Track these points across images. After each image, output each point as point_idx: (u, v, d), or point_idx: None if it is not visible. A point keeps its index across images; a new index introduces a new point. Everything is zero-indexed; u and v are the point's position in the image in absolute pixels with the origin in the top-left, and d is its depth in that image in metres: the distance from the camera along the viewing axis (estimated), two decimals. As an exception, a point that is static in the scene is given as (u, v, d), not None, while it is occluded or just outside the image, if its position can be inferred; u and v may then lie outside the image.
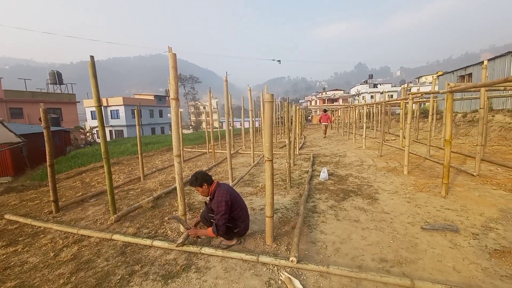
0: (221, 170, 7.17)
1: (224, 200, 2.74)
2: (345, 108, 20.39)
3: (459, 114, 11.79)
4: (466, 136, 10.13)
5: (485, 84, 3.44)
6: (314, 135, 17.27)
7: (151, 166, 8.23)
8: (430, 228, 3.13)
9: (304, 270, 2.45)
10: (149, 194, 5.07)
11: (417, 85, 41.30)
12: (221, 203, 2.73)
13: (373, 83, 57.09)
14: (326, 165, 7.04)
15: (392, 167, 6.34)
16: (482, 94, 5.13)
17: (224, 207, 2.72)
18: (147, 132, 37.08)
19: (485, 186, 4.56)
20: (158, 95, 44.94)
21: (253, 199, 4.55)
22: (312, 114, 49.71)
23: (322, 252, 2.77)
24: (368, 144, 9.93)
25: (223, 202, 2.73)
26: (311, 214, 3.77)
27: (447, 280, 2.25)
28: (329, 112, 18.38)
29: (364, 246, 2.85)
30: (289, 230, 3.27)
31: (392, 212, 3.71)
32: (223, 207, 2.71)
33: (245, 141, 11.99)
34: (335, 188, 4.92)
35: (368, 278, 2.28)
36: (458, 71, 14.20)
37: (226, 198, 2.76)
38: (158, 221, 3.72)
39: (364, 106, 11.22)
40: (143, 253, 2.88)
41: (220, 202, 2.74)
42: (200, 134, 21.99)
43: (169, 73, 3.13)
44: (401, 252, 2.69)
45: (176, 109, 3.23)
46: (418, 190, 4.54)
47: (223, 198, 2.75)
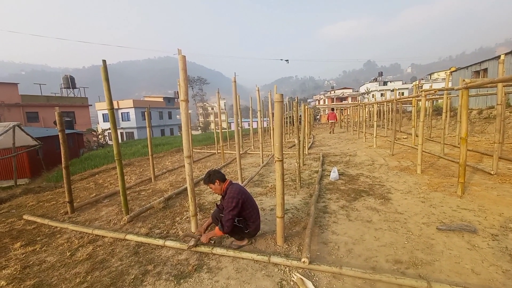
0: (231, 170, 7.20)
1: (236, 197, 2.77)
2: (355, 106, 20.11)
3: (474, 110, 11.40)
4: (482, 134, 9.78)
5: (503, 80, 3.31)
6: (323, 135, 17.10)
7: (162, 167, 8.35)
8: (446, 228, 3.03)
9: (317, 271, 2.42)
10: (160, 195, 5.14)
11: (429, 82, 40.24)
12: (232, 199, 2.76)
13: (383, 81, 56.00)
14: (336, 164, 6.95)
15: (405, 166, 6.19)
16: (500, 90, 4.94)
17: (235, 203, 2.74)
18: (157, 133, 37.67)
19: (504, 185, 4.39)
20: (167, 97, 45.59)
21: (263, 199, 4.54)
22: (320, 113, 49.23)
23: (334, 253, 2.74)
24: (379, 143, 9.75)
25: (234, 198, 2.76)
26: (322, 214, 3.73)
27: (466, 283, 2.17)
28: (336, 111, 19.97)
29: (378, 247, 2.79)
30: (300, 231, 3.25)
31: (406, 212, 3.62)
32: (234, 203, 2.74)
33: (254, 142, 11.99)
34: (346, 188, 4.85)
35: (383, 280, 2.23)
36: (473, 67, 13.74)
37: (238, 196, 2.79)
38: (169, 222, 3.76)
39: (374, 104, 11.01)
40: (156, 253, 2.92)
41: (231, 198, 2.77)
42: (208, 135, 22.15)
43: (179, 75, 3.18)
44: (417, 254, 2.62)
45: (186, 111, 3.26)
46: (433, 189, 4.42)
47: (235, 195, 2.79)
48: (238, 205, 2.76)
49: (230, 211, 2.73)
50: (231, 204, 2.75)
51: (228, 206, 2.76)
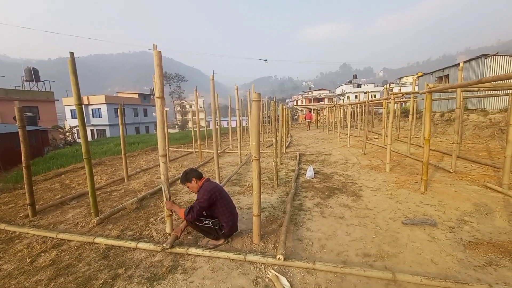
0: (208, 169, 7.11)
1: (210, 191, 2.77)
2: (331, 107, 20.82)
3: (437, 113, 12.34)
4: (444, 135, 10.62)
5: (461, 85, 3.63)
6: (301, 134, 17.48)
7: (135, 166, 8.02)
8: (410, 222, 3.26)
9: (291, 267, 2.48)
10: (133, 195, 4.94)
11: (398, 86, 42.79)
12: (206, 191, 2.78)
13: (357, 83, 58.51)
14: (312, 163, 7.15)
15: (375, 164, 6.55)
16: (458, 95, 5.40)
17: (207, 196, 2.75)
18: (131, 131, 36.05)
19: (461, 182, 4.81)
20: (142, 93, 43.82)
21: (241, 198, 4.55)
22: (298, 113, 50.24)
23: (308, 249, 2.82)
24: (352, 142, 10.18)
25: (208, 192, 2.77)
26: (298, 212, 3.83)
27: (426, 272, 2.36)
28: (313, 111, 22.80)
29: (349, 242, 2.93)
30: (276, 228, 3.30)
31: (375, 208, 3.83)
32: (206, 196, 2.75)
33: (232, 140, 11.95)
34: (321, 186, 5.02)
35: (353, 273, 2.35)
36: (436, 72, 14.85)
37: (212, 191, 2.80)
38: (143, 223, 3.63)
39: (349, 106, 11.49)
40: (127, 256, 2.80)
41: (205, 191, 2.79)
42: (186, 133, 21.64)
43: (154, 71, 3.08)
44: (383, 247, 2.79)
45: (162, 108, 3.17)
46: (399, 186, 4.72)
47: (209, 188, 2.80)
48: (210, 199, 2.76)
49: (200, 203, 2.74)
50: (202, 196, 2.77)
51: (199, 197, 2.79)
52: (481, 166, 5.82)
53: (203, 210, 2.82)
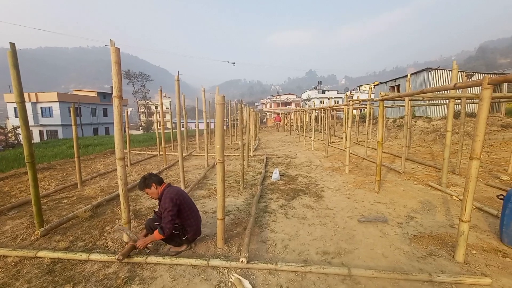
0: (173, 173, 6.85)
1: (170, 197, 2.65)
2: (297, 112, 21.58)
3: (390, 119, 13.57)
4: (396, 139, 11.70)
5: (407, 94, 4.05)
6: (269, 137, 17.80)
7: (91, 170, 7.39)
8: (365, 220, 3.51)
9: (254, 270, 2.50)
10: (87, 202, 4.54)
11: (358, 93, 46.08)
12: (169, 199, 2.64)
13: (321, 89, 61.62)
14: (278, 166, 7.32)
15: (336, 166, 6.94)
16: (406, 103, 6.00)
17: (172, 203, 2.62)
18: (89, 132, 33.19)
19: (409, 181, 5.34)
20: (102, 92, 40.65)
21: (206, 202, 4.47)
22: (267, 117, 51.11)
23: (271, 250, 2.87)
24: (316, 145, 10.67)
25: (171, 199, 2.65)
26: (263, 214, 3.88)
27: (377, 266, 2.55)
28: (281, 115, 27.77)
29: (310, 241, 3.05)
30: (241, 231, 3.30)
31: (334, 208, 4.05)
32: (171, 203, 2.62)
33: (200, 143, 11.69)
34: (286, 188, 5.15)
35: (312, 271, 2.45)
36: (390, 82, 16.36)
37: (175, 196, 2.68)
38: (97, 232, 3.35)
39: (313, 111, 12.04)
40: (77, 269, 2.56)
41: (168, 199, 2.65)
42: (151, 135, 20.58)
43: (112, 69, 2.89)
44: (341, 244, 2.96)
45: (119, 108, 2.98)
46: (357, 187, 5.07)
47: (172, 195, 2.67)
48: (176, 205, 2.65)
49: (169, 212, 2.60)
50: (168, 204, 2.62)
51: (166, 208, 2.62)
52: (425, 167, 6.52)
53: (175, 219, 2.67)
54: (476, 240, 2.99)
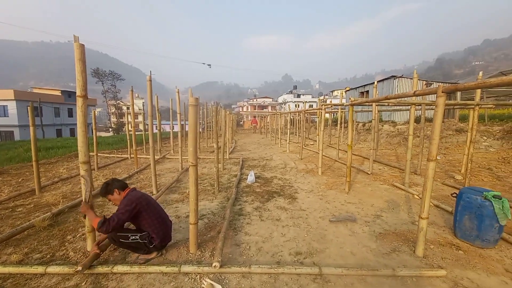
0: (145, 177, 6.56)
1: (129, 199, 2.52)
2: (273, 115, 21.89)
3: (360, 123, 14.31)
4: (365, 142, 12.35)
5: (373, 100, 4.32)
6: (245, 140, 17.82)
7: (52, 175, 6.82)
8: (335, 220, 3.65)
9: (227, 274, 2.47)
10: (46, 209, 4.18)
11: (331, 98, 48.01)
12: (128, 201, 2.52)
13: (297, 93, 63.29)
14: (254, 168, 7.35)
15: (310, 168, 7.15)
16: (374, 108, 6.38)
17: (129, 207, 2.49)
18: (51, 134, 30.64)
19: (376, 182, 5.66)
20: (66, 90, 37.88)
21: (179, 206, 4.34)
22: (244, 119, 51.15)
23: (245, 253, 2.86)
24: (291, 148, 10.90)
25: (127, 201, 2.52)
26: (238, 217, 3.86)
27: (346, 264, 2.66)
28: (257, 118, 29.65)
29: (283, 242, 3.09)
30: (215, 235, 3.25)
31: (308, 209, 4.16)
32: (128, 207, 2.49)
33: (174, 145, 11.35)
34: (261, 190, 5.19)
35: (285, 272, 2.48)
36: (359, 88, 17.29)
37: (136, 201, 2.56)
38: (56, 242, 3.09)
39: (289, 114, 12.31)
40: (32, 285, 2.33)
41: (127, 201, 2.53)
42: (121, 137, 19.52)
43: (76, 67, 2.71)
44: (313, 244, 3.04)
45: (84, 108, 2.80)
46: (329, 188, 5.26)
47: (133, 199, 2.55)
48: (132, 210, 2.51)
49: (119, 214, 2.45)
50: (124, 207, 2.49)
51: (119, 208, 2.49)
52: (391, 168, 6.96)
53: (123, 223, 2.52)
54: (434, 235, 3.25)
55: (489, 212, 2.83)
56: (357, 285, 2.31)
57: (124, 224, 2.53)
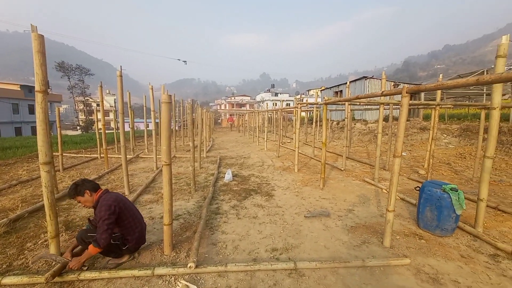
0: (116, 177, 6.24)
1: (107, 205, 2.39)
2: (251, 113, 21.93)
3: (335, 122, 14.85)
4: (339, 140, 12.84)
5: (345, 99, 4.50)
6: (223, 138, 17.67)
7: (10, 178, 6.24)
8: (310, 215, 3.76)
9: (203, 274, 2.44)
10: (2, 215, 3.81)
11: (307, 97, 49.20)
12: (106, 206, 2.38)
13: (275, 92, 64.00)
14: (232, 166, 7.33)
15: (287, 166, 7.28)
16: (346, 107, 6.65)
17: (110, 211, 2.37)
18: (9, 132, 27.97)
19: (348, 178, 5.91)
20: (27, 85, 34.64)
21: (153, 207, 4.20)
22: (222, 117, 50.66)
23: (222, 252, 2.85)
24: (269, 146, 11.02)
25: (106, 206, 2.38)
26: (214, 216, 3.82)
27: (320, 257, 2.75)
28: (236, 116, 29.97)
29: (260, 240, 3.12)
30: (191, 235, 3.20)
31: (284, 205, 4.24)
32: (108, 211, 2.36)
33: (148, 144, 10.93)
34: (238, 188, 5.18)
35: (261, 269, 2.51)
36: (334, 88, 17.91)
37: (114, 203, 2.43)
38: (14, 251, 2.84)
39: (266, 112, 12.41)
40: (-15, 297, 2.13)
41: (105, 206, 2.38)
42: (90, 136, 18.35)
43: (34, 59, 2.49)
44: (289, 240, 3.11)
45: (43, 104, 2.58)
46: (304, 184, 5.40)
47: (109, 202, 2.41)
48: (114, 213, 2.40)
49: (105, 220, 2.33)
50: (104, 212, 2.36)
51: (101, 216, 2.35)
52: (362, 165, 7.32)
53: (113, 228, 2.42)
54: (400, 226, 3.47)
55: (447, 203, 3.09)
56: (330, 277, 2.41)
57: (111, 230, 2.39)
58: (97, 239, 2.31)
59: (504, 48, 2.90)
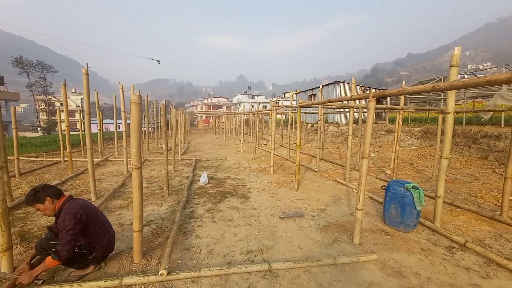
0: (82, 182, 5.84)
1: (72, 213, 2.22)
2: (228, 115, 21.81)
3: (309, 124, 15.30)
4: (313, 141, 13.24)
5: (318, 102, 4.67)
6: (199, 140, 17.34)
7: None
8: (285, 216, 3.83)
9: (176, 281, 2.37)
10: None
11: (283, 99, 50.16)
12: (67, 215, 2.20)
13: (251, 94, 64.39)
14: (207, 169, 7.21)
15: (263, 168, 7.34)
16: (320, 110, 6.89)
17: (74, 220, 2.19)
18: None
19: (322, 178, 6.12)
20: (-24, 81, 31.11)
21: (123, 213, 3.99)
22: (198, 119, 49.73)
23: (196, 257, 2.78)
24: (245, 148, 11.03)
25: (71, 214, 2.21)
26: (188, 220, 3.73)
27: (294, 257, 2.81)
28: (212, 118, 31.77)
29: (235, 242, 3.11)
30: (163, 241, 3.08)
31: (259, 207, 4.26)
32: (73, 220, 2.19)
33: (118, 147, 10.37)
34: (214, 191, 5.12)
35: (236, 272, 2.49)
36: (308, 91, 18.50)
37: (80, 211, 2.26)
38: (-43, 267, 2.52)
39: (243, 114, 12.43)
40: None
41: (69, 215, 2.21)
42: (53, 138, 16.95)
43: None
44: (264, 241, 3.13)
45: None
46: (280, 186, 5.48)
47: (74, 210, 2.24)
48: (80, 222, 2.23)
49: (69, 230, 2.16)
50: (69, 222, 2.18)
51: (65, 226, 2.17)
52: (335, 165, 7.62)
53: (77, 239, 2.24)
54: (368, 224, 3.66)
55: (409, 201, 3.32)
56: (303, 277, 2.46)
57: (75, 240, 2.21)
58: (58, 251, 2.13)
59: (456, 58, 3.20)
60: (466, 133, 8.97)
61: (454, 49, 3.29)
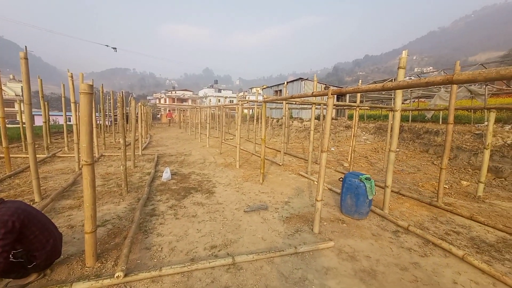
0: (22, 182, 5.17)
1: (3, 220, 1.94)
2: (193, 109, 21.16)
3: (274, 119, 15.63)
4: (278, 136, 13.58)
5: (282, 98, 4.78)
6: (162, 134, 16.55)
7: None
8: (250, 210, 3.88)
9: (134, 282, 2.26)
10: None
11: (250, 94, 50.31)
12: (1, 223, 1.93)
13: (218, 88, 63.22)
14: (171, 164, 6.94)
15: (229, 162, 7.31)
16: (284, 106, 7.06)
17: (3, 229, 1.91)
18: None
19: (286, 172, 6.32)
20: None
21: (73, 213, 3.64)
22: (161, 112, 47.28)
23: (156, 256, 2.68)
24: (211, 143, 10.85)
25: (5, 222, 1.93)
26: (149, 218, 3.56)
27: (258, 249, 2.87)
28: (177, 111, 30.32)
29: (199, 238, 3.06)
30: (121, 242, 2.90)
31: (224, 202, 4.25)
32: (3, 229, 1.91)
33: (69, 142, 9.38)
34: (177, 187, 4.95)
35: (199, 268, 2.46)
36: (274, 87, 18.81)
37: (12, 218, 1.98)
38: None
39: (209, 108, 12.16)
40: None
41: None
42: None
43: None
44: (228, 236, 3.14)
45: None
46: (245, 180, 5.53)
47: (3, 217, 1.95)
48: (12, 230, 1.96)
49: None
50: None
51: None
52: (298, 159, 7.92)
53: (8, 250, 1.94)
54: (327, 214, 3.90)
55: (363, 191, 3.62)
56: (266, 267, 2.54)
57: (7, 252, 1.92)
58: None
59: (403, 61, 3.53)
60: (411, 129, 10.03)
61: (402, 53, 3.63)
